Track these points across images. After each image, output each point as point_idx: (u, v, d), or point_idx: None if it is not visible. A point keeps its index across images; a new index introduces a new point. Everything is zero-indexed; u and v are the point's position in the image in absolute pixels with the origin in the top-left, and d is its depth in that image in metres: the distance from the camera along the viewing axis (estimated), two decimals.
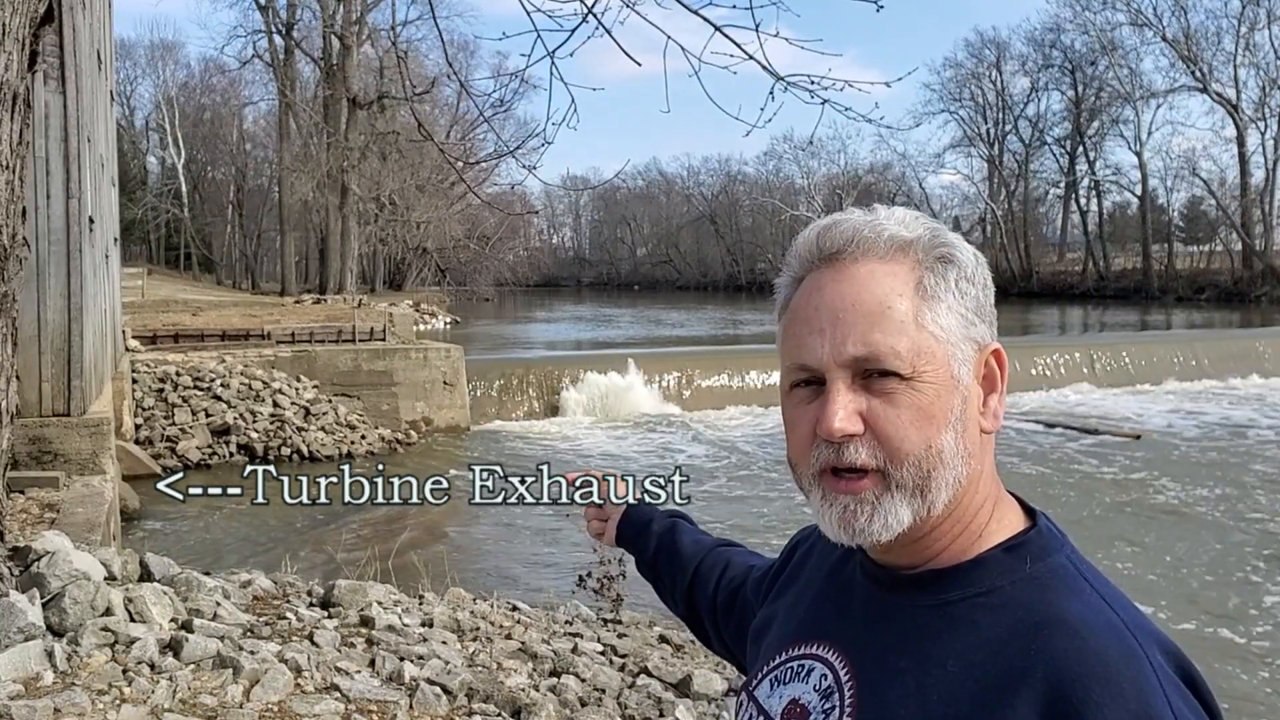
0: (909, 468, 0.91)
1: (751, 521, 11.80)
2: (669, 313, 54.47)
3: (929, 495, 0.92)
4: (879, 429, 0.91)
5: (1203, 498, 12.59)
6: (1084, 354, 23.47)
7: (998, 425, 0.97)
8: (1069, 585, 0.91)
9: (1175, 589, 9.09)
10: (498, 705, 4.25)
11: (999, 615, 0.91)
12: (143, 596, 4.49)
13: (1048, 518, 0.99)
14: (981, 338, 0.96)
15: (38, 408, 9.01)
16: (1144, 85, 60.80)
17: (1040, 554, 0.94)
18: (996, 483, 0.99)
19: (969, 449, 0.94)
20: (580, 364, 20.12)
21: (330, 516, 12.10)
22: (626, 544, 1.58)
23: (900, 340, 0.91)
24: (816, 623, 1.07)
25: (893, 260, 0.94)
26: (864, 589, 1.02)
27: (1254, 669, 7.26)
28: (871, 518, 0.92)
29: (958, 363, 0.93)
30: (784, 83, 5.00)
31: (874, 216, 0.97)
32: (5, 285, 4.47)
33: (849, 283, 0.94)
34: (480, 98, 6.67)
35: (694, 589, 1.44)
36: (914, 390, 0.91)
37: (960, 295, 0.95)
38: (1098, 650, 0.84)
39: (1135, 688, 0.82)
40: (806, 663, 1.04)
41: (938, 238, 0.96)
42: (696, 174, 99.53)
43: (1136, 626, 0.88)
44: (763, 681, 1.08)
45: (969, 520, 0.96)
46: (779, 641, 1.11)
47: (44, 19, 4.47)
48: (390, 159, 48.92)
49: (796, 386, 0.97)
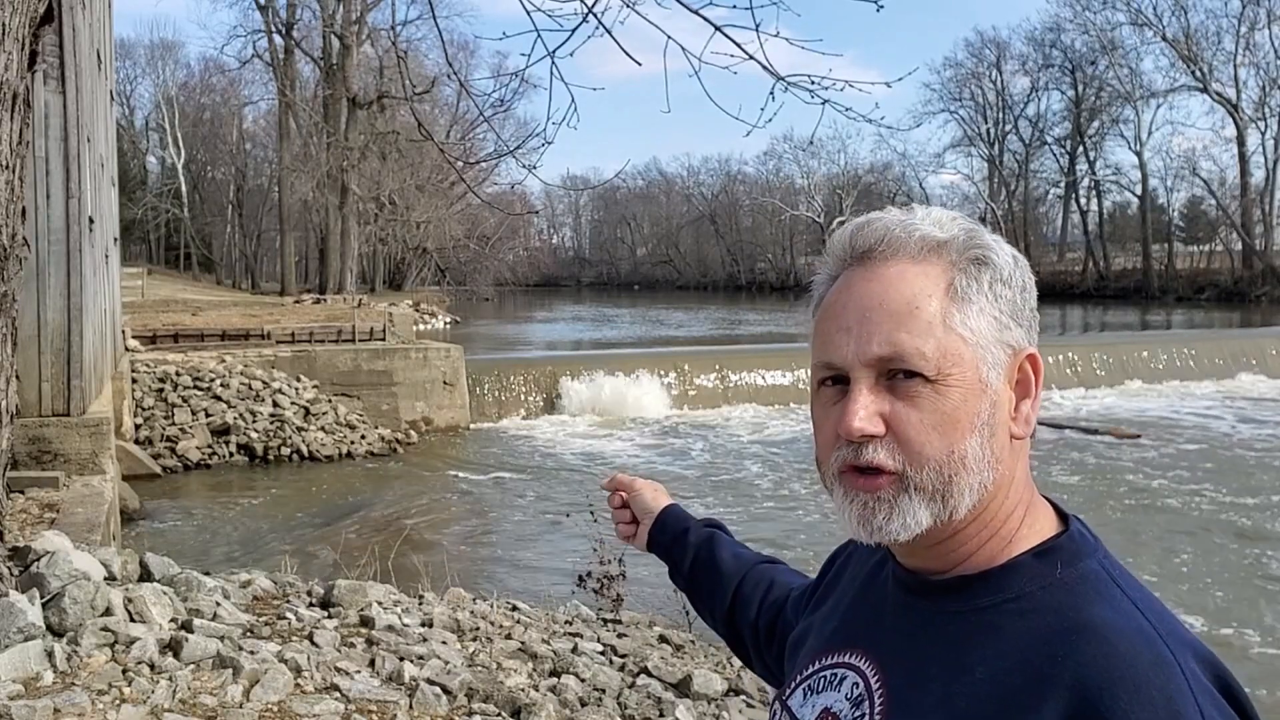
0: (929, 472, 0.90)
1: (753, 521, 11.80)
2: (669, 313, 54.48)
3: (950, 500, 0.90)
4: (900, 432, 0.90)
5: (1203, 497, 12.58)
6: (1084, 354, 23.47)
7: (1029, 431, 0.96)
8: (1100, 591, 0.90)
9: (1175, 589, 9.08)
10: (498, 705, 4.25)
11: (1028, 621, 0.89)
12: (143, 596, 4.49)
13: (1081, 522, 0.98)
14: (1016, 342, 0.94)
15: (38, 408, 9.01)
16: (1144, 85, 60.93)
17: (1072, 559, 0.93)
18: (1030, 488, 0.97)
19: (996, 454, 0.92)
20: (581, 364, 20.13)
21: (330, 516, 12.11)
22: (659, 551, 1.51)
23: (927, 341, 0.90)
24: (849, 630, 1.06)
25: (925, 261, 0.93)
26: (895, 596, 1.01)
27: (1257, 669, 7.26)
28: (890, 516, 0.91)
29: (987, 366, 0.92)
30: (784, 83, 5.00)
31: (909, 216, 0.96)
32: (5, 285, 4.47)
33: (878, 282, 0.93)
34: (480, 98, 6.66)
35: (735, 610, 1.40)
36: (938, 394, 0.90)
37: (994, 298, 0.93)
38: (1127, 656, 0.82)
39: (1165, 695, 0.80)
40: (839, 671, 1.03)
41: (973, 239, 0.95)
42: (696, 174, 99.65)
43: (1169, 633, 0.86)
44: (796, 690, 1.08)
45: (999, 525, 0.94)
46: (813, 650, 1.10)
47: (44, 19, 4.47)
48: (390, 159, 48.93)
49: (824, 384, 0.96)
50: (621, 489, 1.56)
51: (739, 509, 12.40)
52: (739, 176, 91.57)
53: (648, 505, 1.53)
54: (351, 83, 47.04)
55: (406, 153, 47.59)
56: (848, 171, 78.56)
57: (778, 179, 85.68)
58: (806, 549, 10.30)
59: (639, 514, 1.54)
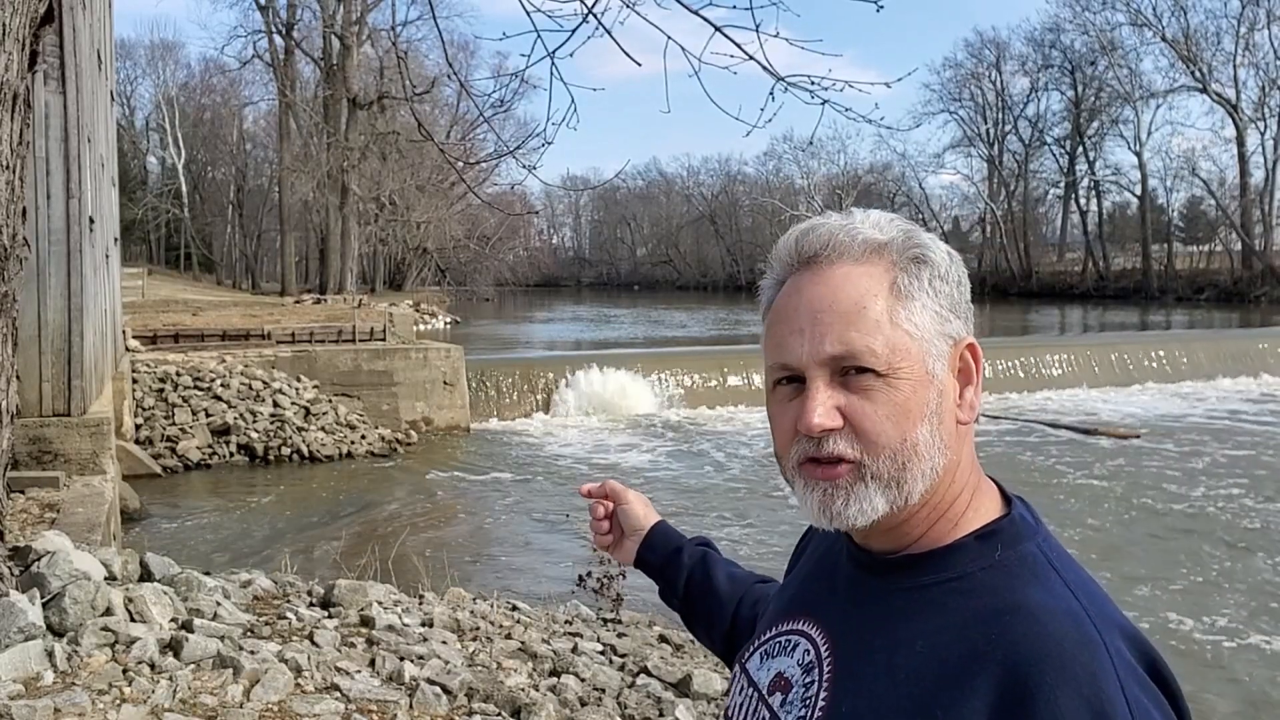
0: (885, 460, 0.95)
1: (753, 522, 11.80)
2: (669, 313, 54.47)
3: (905, 486, 0.96)
4: (857, 424, 0.95)
5: (1202, 497, 12.58)
6: (1083, 354, 23.46)
7: (974, 416, 1.01)
8: (1035, 573, 0.94)
9: (1175, 589, 9.08)
10: (498, 705, 4.25)
11: (967, 600, 0.94)
12: (143, 596, 4.49)
13: (1024, 504, 1.03)
14: (956, 333, 1.00)
15: (38, 408, 9.01)
16: (1144, 85, 60.91)
17: (1011, 542, 0.98)
18: (976, 471, 1.02)
19: (945, 440, 0.97)
20: (581, 364, 20.11)
21: (330, 516, 12.11)
22: (649, 570, 1.49)
23: (876, 339, 0.95)
24: (804, 600, 1.12)
25: (868, 262, 0.98)
26: (847, 571, 1.06)
27: (1258, 668, 7.26)
28: (848, 502, 0.96)
29: (932, 359, 0.97)
30: (784, 83, 5.00)
31: (850, 220, 1.01)
32: (5, 285, 4.47)
33: (826, 284, 0.98)
34: (480, 98, 6.66)
35: (735, 631, 1.41)
36: (890, 387, 0.95)
37: (934, 294, 0.98)
38: (1055, 635, 0.87)
39: (1089, 672, 0.85)
40: (793, 638, 1.09)
41: (911, 239, 1.00)
42: (696, 174, 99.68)
43: (1098, 614, 0.90)
44: (754, 654, 1.14)
45: (945, 508, 0.99)
46: (772, 616, 1.15)
47: (44, 19, 4.47)
48: (390, 159, 48.94)
49: (779, 384, 1.02)
50: (612, 498, 1.52)
51: (741, 508, 12.40)
52: (739, 177, 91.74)
53: (637, 522, 1.50)
54: (352, 83, 47.04)
55: (407, 153, 47.59)
56: (847, 172, 78.61)
57: (778, 179, 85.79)
58: None
59: (627, 529, 1.51)
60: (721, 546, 1.56)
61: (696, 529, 11.26)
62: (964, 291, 1.01)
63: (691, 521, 11.76)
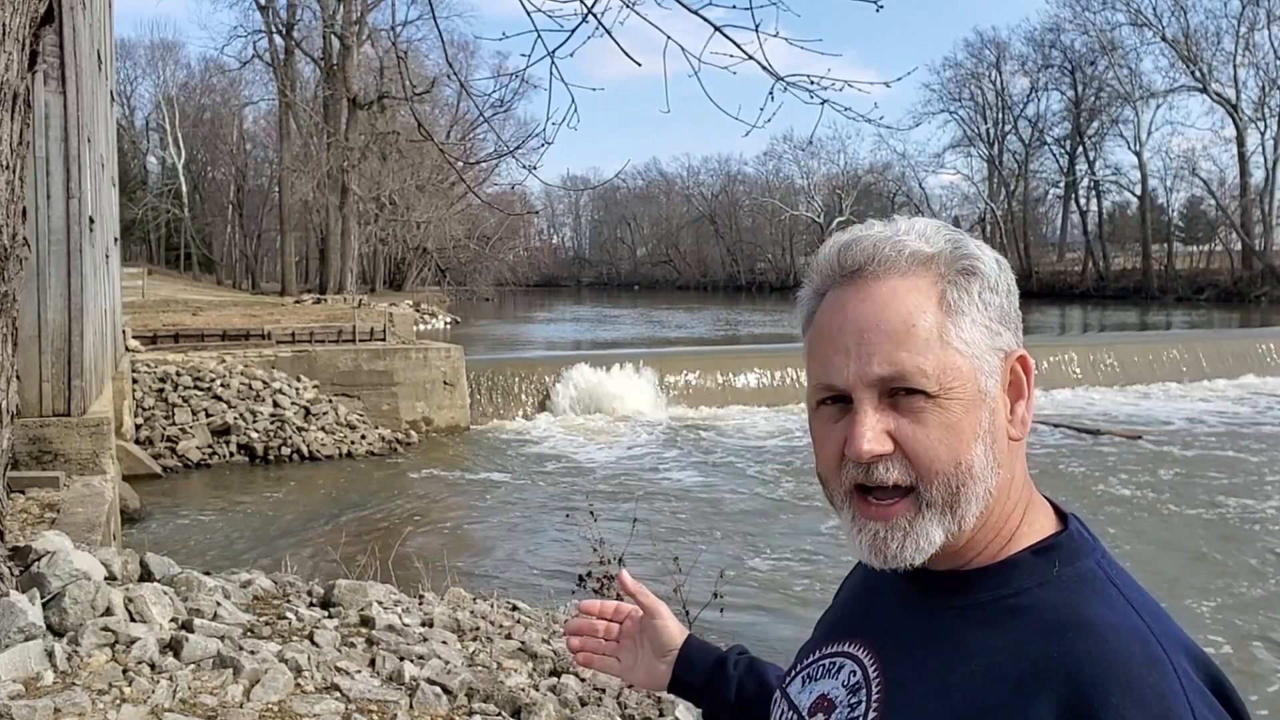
0: (939, 485, 0.91)
1: (755, 522, 11.80)
2: (670, 313, 54.48)
3: (959, 510, 0.92)
4: (908, 448, 0.91)
5: (1203, 497, 12.58)
6: (1084, 354, 23.47)
7: (1026, 432, 0.97)
8: (1096, 590, 0.91)
9: (1175, 589, 9.08)
10: (498, 705, 4.25)
11: (1025, 617, 0.90)
12: (143, 596, 4.49)
13: (1080, 521, 1.00)
14: (1006, 345, 0.96)
15: (38, 408, 9.01)
16: (1144, 85, 60.92)
17: (1070, 558, 0.94)
18: (1029, 486, 0.99)
19: (998, 459, 0.94)
20: (581, 364, 20.10)
21: (330, 516, 12.11)
22: (687, 692, 1.31)
23: (926, 359, 0.91)
24: (849, 622, 1.08)
25: (914, 276, 0.94)
26: (895, 589, 1.02)
27: (1260, 668, 7.26)
28: (904, 544, 0.92)
29: (984, 375, 0.93)
30: (784, 83, 5.00)
31: (894, 231, 0.96)
32: (5, 285, 4.47)
33: (872, 302, 0.93)
34: (480, 98, 6.67)
35: None
36: (941, 408, 0.91)
37: (984, 306, 0.94)
38: (1120, 654, 0.84)
39: (1157, 692, 0.81)
40: (838, 660, 1.05)
41: (959, 250, 0.96)
42: (696, 174, 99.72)
43: (1163, 633, 0.87)
44: (795, 678, 1.09)
45: (1000, 525, 0.96)
46: (815, 641, 1.11)
47: (44, 19, 4.47)
48: (390, 159, 48.93)
49: (823, 404, 0.97)
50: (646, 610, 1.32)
51: (740, 509, 12.40)
52: (739, 177, 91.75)
53: (671, 641, 1.32)
54: (352, 83, 47.03)
55: (407, 153, 47.58)
56: (847, 171, 78.61)
57: (777, 179, 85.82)
58: (811, 547, 10.32)
59: (656, 647, 1.32)
60: (723, 547, 1.54)
61: (700, 530, 11.27)
62: (1013, 300, 0.97)
63: (695, 524, 11.76)
